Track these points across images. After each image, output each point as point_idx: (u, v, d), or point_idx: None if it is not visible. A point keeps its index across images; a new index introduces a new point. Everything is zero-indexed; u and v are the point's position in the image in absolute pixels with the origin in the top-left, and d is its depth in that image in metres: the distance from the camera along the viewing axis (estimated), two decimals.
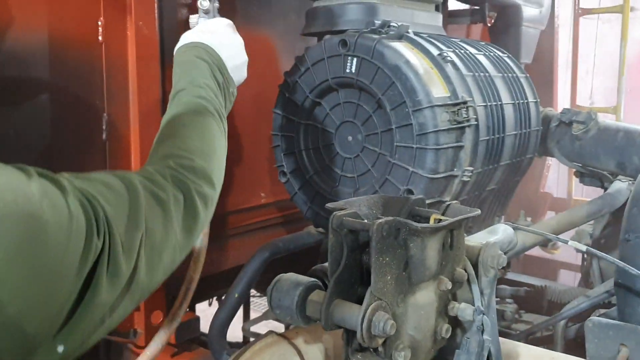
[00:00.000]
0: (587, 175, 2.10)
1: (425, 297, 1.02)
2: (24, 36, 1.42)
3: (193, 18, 1.44)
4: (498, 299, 2.01)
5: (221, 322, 1.64)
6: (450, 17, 2.71)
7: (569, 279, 3.38)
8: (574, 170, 2.14)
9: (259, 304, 3.04)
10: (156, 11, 1.60)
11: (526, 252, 2.56)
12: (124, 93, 1.55)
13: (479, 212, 1.04)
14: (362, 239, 0.99)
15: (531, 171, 3.18)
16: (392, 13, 1.76)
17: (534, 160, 1.96)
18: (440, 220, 1.04)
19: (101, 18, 1.53)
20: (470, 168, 1.57)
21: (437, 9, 2.05)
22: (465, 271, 1.11)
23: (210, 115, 1.13)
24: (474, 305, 1.10)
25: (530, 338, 1.77)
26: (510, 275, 2.43)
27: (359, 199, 1.11)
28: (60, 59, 1.48)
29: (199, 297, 1.91)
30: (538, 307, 2.08)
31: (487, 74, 1.72)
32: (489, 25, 2.61)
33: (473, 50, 1.79)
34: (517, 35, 2.60)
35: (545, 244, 2.42)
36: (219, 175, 1.08)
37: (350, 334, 0.98)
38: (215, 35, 1.29)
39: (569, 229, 1.94)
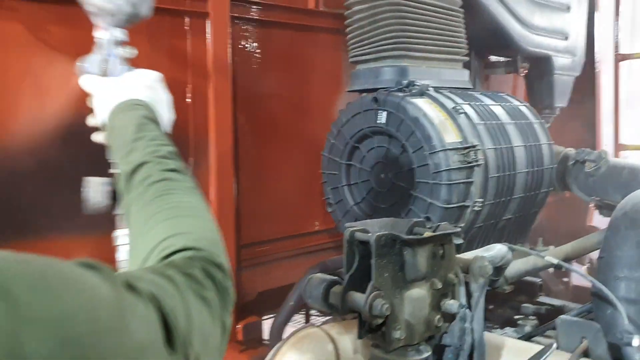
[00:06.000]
0: (604, 208, 2.36)
1: (419, 293, 1.37)
2: None
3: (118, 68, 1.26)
4: (522, 315, 2.27)
5: (278, 325, 2.04)
6: (489, 68, 3.05)
7: None
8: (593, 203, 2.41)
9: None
10: (230, 76, 2.06)
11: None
12: (205, 142, 2.01)
13: (458, 229, 1.39)
14: (370, 249, 1.36)
15: (578, 206, 3.42)
16: (420, 73, 2.13)
17: (549, 194, 2.25)
18: None
19: (189, 84, 2.01)
20: (481, 200, 1.90)
21: (465, 66, 2.41)
22: (457, 277, 1.46)
23: (194, 190, 0.93)
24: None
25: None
26: (543, 299, 2.67)
27: (373, 221, 1.49)
28: None
29: (266, 307, 2.31)
30: None
31: (499, 122, 2.05)
32: (523, 74, 2.93)
33: (489, 102, 2.14)
34: (549, 83, 2.92)
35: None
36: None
37: (361, 318, 1.34)
38: (151, 91, 1.16)
39: (583, 254, 2.20)
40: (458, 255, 1.55)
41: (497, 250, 1.66)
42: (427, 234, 1.42)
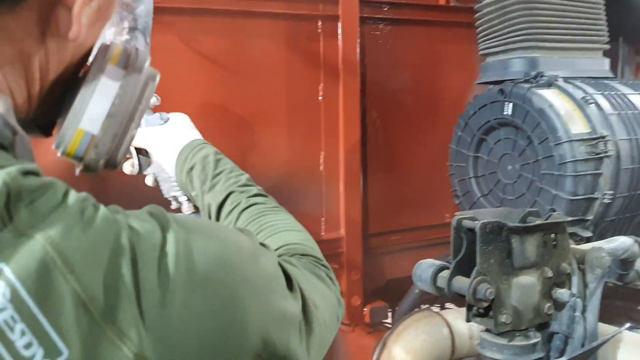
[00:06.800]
0: None
1: (528, 280, 1.39)
2: (275, 97, 2.11)
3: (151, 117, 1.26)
4: None
5: (404, 311, 2.13)
6: None
7: None
8: None
9: None
10: (358, 74, 2.19)
11: None
12: (335, 136, 2.16)
13: (567, 218, 1.39)
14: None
15: None
16: (552, 64, 2.10)
17: None
18: None
19: (321, 84, 2.16)
20: (611, 192, 1.84)
21: (611, 53, 2.32)
22: (570, 266, 1.46)
23: (280, 208, 1.02)
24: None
25: None
26: None
27: (486, 210, 1.53)
28: (293, 112, 2.14)
29: (394, 295, 2.41)
30: None
31: (636, 112, 1.96)
32: None
33: (627, 91, 2.05)
34: None
35: None
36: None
37: (468, 303, 1.40)
38: (194, 129, 1.23)
39: None
40: (576, 246, 1.54)
41: (620, 242, 1.62)
42: (537, 222, 1.43)
